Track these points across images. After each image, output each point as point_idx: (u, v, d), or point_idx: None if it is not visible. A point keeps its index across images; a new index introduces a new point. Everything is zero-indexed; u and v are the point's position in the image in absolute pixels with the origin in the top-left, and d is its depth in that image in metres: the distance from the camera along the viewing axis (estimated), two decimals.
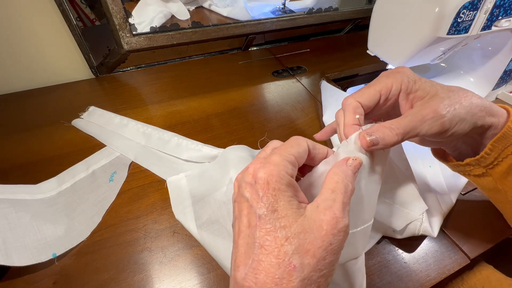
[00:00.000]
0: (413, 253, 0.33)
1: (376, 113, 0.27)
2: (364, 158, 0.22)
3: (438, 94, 0.24)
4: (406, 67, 0.26)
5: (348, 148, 0.22)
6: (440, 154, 0.32)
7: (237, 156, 0.36)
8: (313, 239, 0.16)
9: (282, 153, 0.19)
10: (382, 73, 0.27)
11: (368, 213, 0.22)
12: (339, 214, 0.17)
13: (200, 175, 0.38)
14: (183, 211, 0.35)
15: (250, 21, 0.64)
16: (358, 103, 0.24)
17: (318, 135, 0.30)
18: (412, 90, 0.25)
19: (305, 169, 0.23)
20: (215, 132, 0.48)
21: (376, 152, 0.23)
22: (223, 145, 0.43)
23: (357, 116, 0.24)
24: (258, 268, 0.16)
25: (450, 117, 0.23)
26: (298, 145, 0.20)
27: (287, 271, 0.16)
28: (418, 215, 0.30)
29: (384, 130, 0.22)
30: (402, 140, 0.22)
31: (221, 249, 0.31)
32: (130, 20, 0.52)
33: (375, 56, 0.48)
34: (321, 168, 0.21)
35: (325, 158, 0.22)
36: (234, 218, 0.20)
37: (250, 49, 0.75)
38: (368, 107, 0.25)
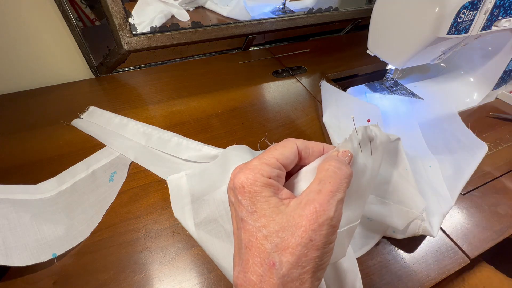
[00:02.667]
0: (413, 253, 0.33)
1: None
2: (360, 156, 0.21)
3: None
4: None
5: (347, 145, 0.21)
6: None
7: (237, 155, 0.36)
8: (290, 236, 0.16)
9: (263, 156, 0.20)
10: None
11: (355, 212, 0.22)
12: (321, 207, 0.17)
13: (200, 174, 0.38)
14: (182, 210, 0.35)
15: (250, 21, 0.64)
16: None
17: None
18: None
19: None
20: (215, 132, 0.48)
21: (374, 153, 0.22)
22: (223, 145, 0.43)
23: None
24: (246, 267, 0.17)
25: None
26: (283, 147, 0.20)
27: (268, 268, 0.16)
28: (418, 212, 0.29)
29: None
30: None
31: (217, 248, 0.31)
32: (130, 20, 0.52)
33: (375, 56, 0.48)
34: (314, 164, 0.21)
35: (322, 155, 0.22)
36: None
37: (250, 49, 0.75)
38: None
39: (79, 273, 0.30)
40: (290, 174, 0.22)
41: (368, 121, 0.23)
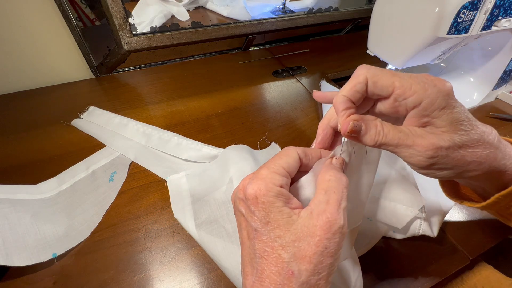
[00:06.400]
0: (413, 253, 0.33)
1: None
2: (355, 159, 0.22)
3: (453, 139, 0.20)
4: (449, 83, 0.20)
5: (341, 149, 0.22)
6: (451, 191, 0.29)
7: (237, 155, 0.36)
8: (307, 245, 0.17)
9: (270, 165, 0.20)
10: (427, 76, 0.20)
11: (356, 213, 0.22)
12: (333, 217, 0.17)
13: (200, 174, 0.38)
14: (182, 210, 0.35)
15: (250, 21, 0.64)
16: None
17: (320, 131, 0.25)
18: (432, 116, 0.20)
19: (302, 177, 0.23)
20: (215, 132, 0.48)
21: (370, 154, 0.23)
22: (223, 145, 0.43)
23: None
24: (262, 276, 0.18)
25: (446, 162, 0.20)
26: (287, 155, 0.21)
27: (287, 277, 0.17)
28: (417, 209, 0.29)
29: (372, 129, 0.20)
30: (378, 147, 0.21)
31: (219, 248, 0.31)
32: (130, 20, 0.52)
33: (375, 56, 0.48)
34: (315, 168, 0.21)
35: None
36: (237, 228, 0.21)
37: (250, 49, 0.75)
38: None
39: (79, 273, 0.30)
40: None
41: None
